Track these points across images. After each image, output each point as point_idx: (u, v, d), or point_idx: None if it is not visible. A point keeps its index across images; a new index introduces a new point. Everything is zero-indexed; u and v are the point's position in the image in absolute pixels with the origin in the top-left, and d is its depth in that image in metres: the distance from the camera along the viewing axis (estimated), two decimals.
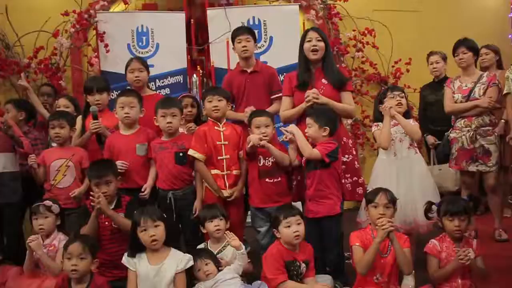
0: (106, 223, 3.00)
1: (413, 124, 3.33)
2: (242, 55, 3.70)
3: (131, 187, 3.25)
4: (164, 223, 2.69)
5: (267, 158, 3.17)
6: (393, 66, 5.39)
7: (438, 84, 4.51)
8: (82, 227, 3.00)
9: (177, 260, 2.67)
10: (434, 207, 2.85)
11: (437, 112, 4.34)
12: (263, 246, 3.09)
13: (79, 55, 4.90)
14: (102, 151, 3.38)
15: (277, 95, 3.67)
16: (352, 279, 2.84)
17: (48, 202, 2.96)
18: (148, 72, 3.74)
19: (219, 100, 3.27)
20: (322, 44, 3.30)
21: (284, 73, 4.60)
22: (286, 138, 3.14)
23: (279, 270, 2.76)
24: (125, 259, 2.71)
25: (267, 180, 3.17)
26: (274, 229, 2.87)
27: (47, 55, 4.74)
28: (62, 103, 3.87)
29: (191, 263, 2.72)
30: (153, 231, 2.65)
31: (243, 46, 3.65)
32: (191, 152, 3.19)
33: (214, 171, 3.21)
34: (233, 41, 3.74)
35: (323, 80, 3.32)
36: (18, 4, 4.75)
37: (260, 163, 3.18)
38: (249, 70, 3.71)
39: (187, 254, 2.75)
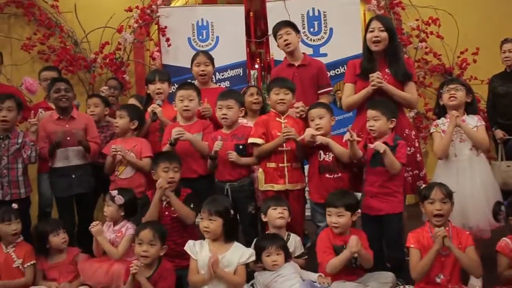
0: (166, 213, 3.08)
1: (481, 136, 3.11)
2: (285, 50, 3.66)
3: (189, 177, 3.30)
4: (223, 219, 2.73)
5: (327, 153, 3.13)
6: (458, 57, 5.14)
7: (511, 74, 4.27)
8: (143, 216, 3.08)
9: (240, 253, 2.71)
10: (503, 208, 2.72)
11: (508, 104, 4.14)
12: None
13: (142, 50, 5.04)
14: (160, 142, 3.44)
15: (324, 90, 3.62)
16: None
17: (113, 192, 3.06)
18: (213, 66, 3.78)
19: (285, 94, 3.26)
20: (384, 34, 3.20)
21: (344, 65, 4.57)
22: (350, 138, 2.95)
23: (326, 252, 2.78)
24: (188, 247, 2.79)
25: (327, 175, 3.12)
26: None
27: (112, 50, 4.89)
28: (130, 102, 4.04)
29: (253, 258, 2.75)
30: (206, 223, 2.74)
31: (285, 40, 3.61)
32: (250, 140, 3.21)
33: (270, 165, 3.20)
34: (275, 39, 3.72)
35: (387, 70, 3.23)
36: (85, 3, 4.93)
37: (320, 157, 3.14)
38: (296, 64, 3.66)
39: (250, 249, 2.79)
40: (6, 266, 3.01)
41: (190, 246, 2.78)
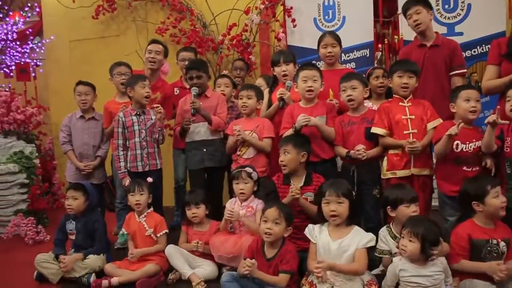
0: None
1: None
2: (416, 30, 3.46)
3: (313, 161, 3.27)
4: (349, 201, 2.66)
5: (467, 142, 2.90)
6: None
7: None
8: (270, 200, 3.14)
9: (359, 237, 2.64)
10: None
11: None
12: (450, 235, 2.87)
13: (267, 31, 5.06)
14: None
15: (457, 72, 3.38)
16: None
17: (249, 169, 3.19)
18: (341, 47, 3.68)
19: (409, 77, 3.12)
20: None
21: (482, 45, 4.19)
22: (497, 120, 2.67)
23: (455, 250, 2.60)
24: (307, 231, 2.78)
25: (464, 168, 2.91)
26: (475, 202, 2.61)
27: (238, 31, 4.99)
28: (257, 82, 4.19)
29: (372, 243, 2.66)
30: (334, 206, 2.65)
31: (415, 20, 3.41)
32: (373, 129, 3.13)
33: (394, 151, 3.08)
34: (406, 18, 3.52)
35: None
36: None
37: (457, 148, 2.93)
38: (428, 44, 3.45)
39: (370, 234, 2.69)
40: (139, 234, 3.29)
41: (310, 230, 2.77)
